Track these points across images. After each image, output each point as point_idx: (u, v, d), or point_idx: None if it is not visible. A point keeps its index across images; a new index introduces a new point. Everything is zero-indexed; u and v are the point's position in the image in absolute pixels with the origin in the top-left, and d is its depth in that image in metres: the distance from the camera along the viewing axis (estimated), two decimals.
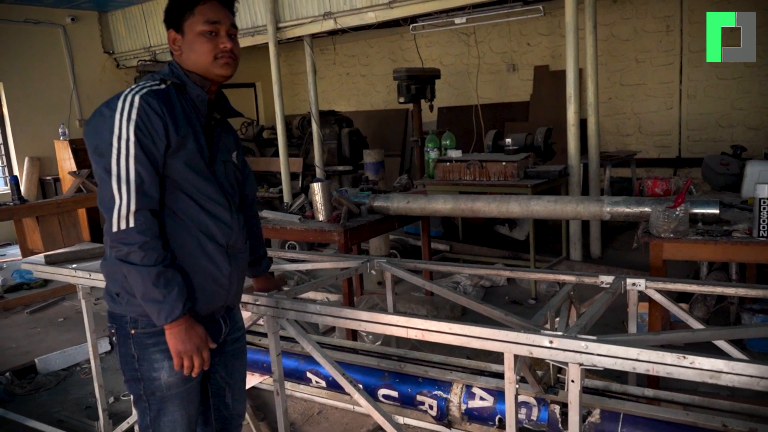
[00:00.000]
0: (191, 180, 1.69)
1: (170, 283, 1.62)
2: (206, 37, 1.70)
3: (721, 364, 1.52)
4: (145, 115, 1.60)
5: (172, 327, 1.65)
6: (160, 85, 1.68)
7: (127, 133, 1.58)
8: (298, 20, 7.15)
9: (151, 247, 1.59)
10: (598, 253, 5.88)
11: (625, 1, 7.81)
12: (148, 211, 1.61)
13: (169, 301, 1.61)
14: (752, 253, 2.63)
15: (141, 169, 1.59)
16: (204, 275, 1.74)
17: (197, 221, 1.72)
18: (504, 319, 2.06)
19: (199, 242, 1.72)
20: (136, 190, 1.58)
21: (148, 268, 1.59)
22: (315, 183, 3.73)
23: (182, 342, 1.66)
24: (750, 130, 7.23)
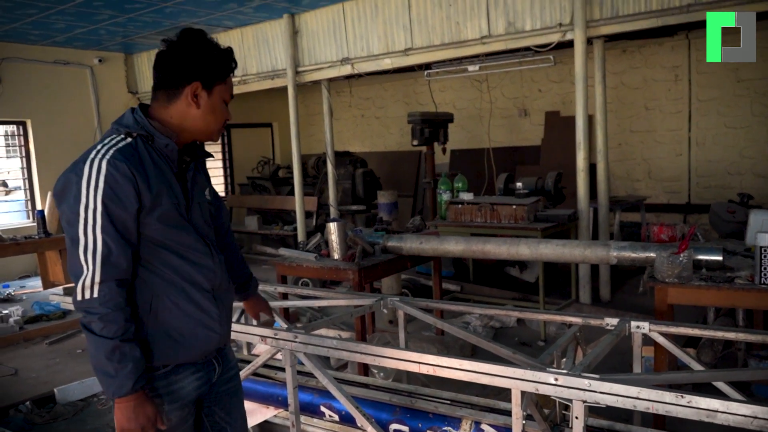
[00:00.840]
0: (169, 234, 1.70)
1: (125, 358, 1.59)
2: (225, 106, 1.79)
3: (716, 403, 1.61)
4: (114, 182, 1.58)
5: (120, 402, 1.61)
6: (126, 139, 1.66)
7: (95, 202, 1.57)
8: (316, 65, 7.42)
9: (110, 320, 1.58)
10: (607, 296, 5.93)
11: (634, 51, 8.04)
12: (114, 282, 1.59)
13: (120, 376, 1.58)
14: (753, 300, 2.72)
15: (108, 239, 1.58)
16: (195, 323, 1.76)
17: (181, 272, 1.73)
18: (512, 357, 2.15)
19: (186, 292, 1.74)
20: (102, 261, 1.57)
21: (104, 340, 1.57)
22: (331, 223, 3.87)
23: (127, 420, 1.62)
24: (758, 178, 7.34)
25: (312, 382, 2.90)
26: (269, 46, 7.84)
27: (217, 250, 1.87)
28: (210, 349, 1.84)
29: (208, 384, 1.87)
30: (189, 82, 1.71)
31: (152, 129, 1.70)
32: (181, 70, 1.71)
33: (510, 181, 6.01)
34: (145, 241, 1.67)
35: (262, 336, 2.46)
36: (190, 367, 1.79)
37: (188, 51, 1.71)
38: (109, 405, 3.93)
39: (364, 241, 3.91)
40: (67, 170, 1.63)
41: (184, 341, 1.74)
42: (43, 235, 5.66)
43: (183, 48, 1.72)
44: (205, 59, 1.73)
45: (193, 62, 1.71)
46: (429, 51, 6.53)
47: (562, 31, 5.63)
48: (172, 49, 1.72)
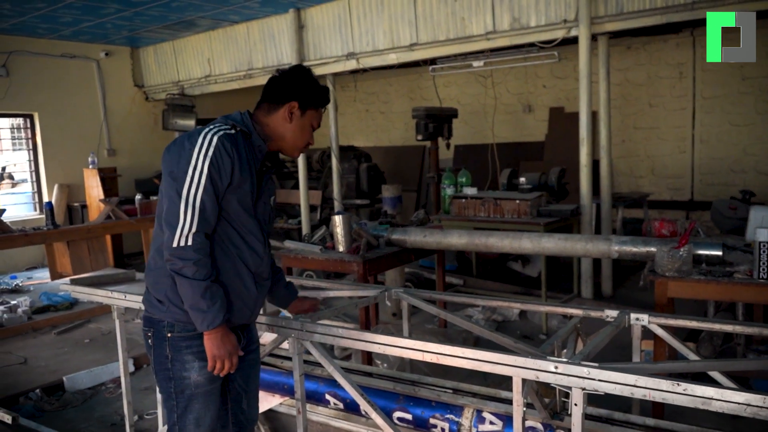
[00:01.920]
0: (240, 215, 1.98)
1: (215, 296, 1.90)
2: (311, 129, 2.11)
3: (711, 391, 1.66)
4: (219, 154, 1.88)
5: (211, 333, 1.92)
6: (231, 130, 1.96)
7: (202, 166, 1.87)
8: (322, 59, 7.47)
9: (202, 264, 1.87)
10: (609, 291, 5.98)
11: (639, 48, 8.05)
12: (203, 234, 1.89)
13: (212, 311, 1.88)
14: (752, 294, 2.77)
15: (206, 198, 1.87)
16: (235, 295, 2.01)
17: (238, 249, 2.01)
18: (513, 346, 2.20)
19: (236, 267, 2.01)
20: (199, 215, 1.86)
21: (198, 282, 1.86)
22: (336, 215, 3.92)
23: (218, 347, 1.93)
24: (761, 176, 7.36)
25: (317, 371, 2.96)
26: (275, 41, 7.88)
27: (269, 243, 2.15)
28: (240, 322, 2.08)
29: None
30: (288, 101, 2.04)
31: (252, 129, 2.03)
32: (285, 90, 2.05)
33: (513, 176, 6.06)
34: (222, 215, 1.95)
35: (268, 325, 2.51)
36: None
37: (295, 77, 2.07)
38: (117, 393, 4.00)
39: (369, 234, 3.96)
40: (182, 137, 1.94)
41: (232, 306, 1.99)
42: (52, 226, 5.73)
43: (292, 74, 2.08)
44: (306, 86, 2.07)
45: (297, 86, 2.06)
46: (434, 46, 6.57)
47: (566, 27, 5.66)
48: (284, 74, 2.08)
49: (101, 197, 7.42)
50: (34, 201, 9.10)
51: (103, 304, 3.35)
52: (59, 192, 8.86)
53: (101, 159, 8.89)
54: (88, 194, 8.27)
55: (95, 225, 6.15)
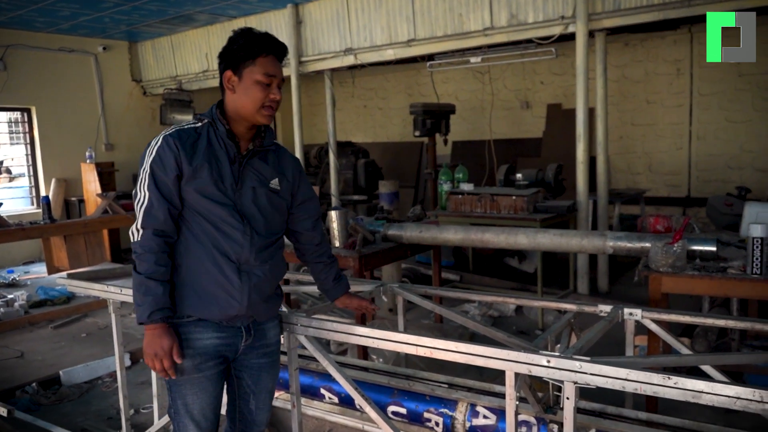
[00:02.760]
0: (204, 204, 1.96)
1: (148, 292, 1.90)
2: (261, 86, 1.96)
3: (702, 384, 1.67)
4: (162, 151, 1.92)
5: (146, 329, 1.93)
6: (196, 124, 2.01)
7: (147, 165, 1.94)
8: (320, 55, 7.47)
9: (144, 260, 1.91)
10: (605, 287, 6.00)
11: (636, 45, 8.06)
12: (151, 230, 1.93)
13: (143, 306, 1.90)
14: (745, 289, 2.78)
15: (151, 195, 1.92)
16: (217, 285, 1.99)
17: (212, 238, 1.98)
18: (506, 341, 2.22)
19: (213, 257, 1.98)
20: (145, 212, 1.92)
21: (137, 275, 1.92)
22: (333, 211, 3.93)
23: (147, 345, 1.93)
24: (759, 172, 7.38)
25: (312, 365, 2.97)
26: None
27: (255, 231, 2.03)
28: (230, 314, 2.02)
29: (233, 348, 2.08)
30: (223, 73, 1.99)
31: (216, 117, 2.00)
32: (219, 65, 2.01)
33: (511, 172, 6.06)
34: (186, 205, 1.97)
35: None
36: (213, 325, 2.02)
37: (228, 43, 1.98)
38: (113, 387, 4.01)
39: (365, 229, 3.97)
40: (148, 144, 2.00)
41: (206, 299, 1.99)
42: (48, 220, 5.74)
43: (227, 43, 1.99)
44: (229, 49, 1.97)
45: (223, 55, 1.99)
46: (432, 42, 6.57)
47: (564, 23, 5.66)
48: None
49: (98, 192, 7.42)
50: (31, 195, 9.10)
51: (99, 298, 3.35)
52: (56, 186, 8.86)
53: (99, 153, 8.89)
54: (86, 189, 8.27)
55: (92, 219, 6.16)
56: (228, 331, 2.05)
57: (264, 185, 2.07)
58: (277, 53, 1.99)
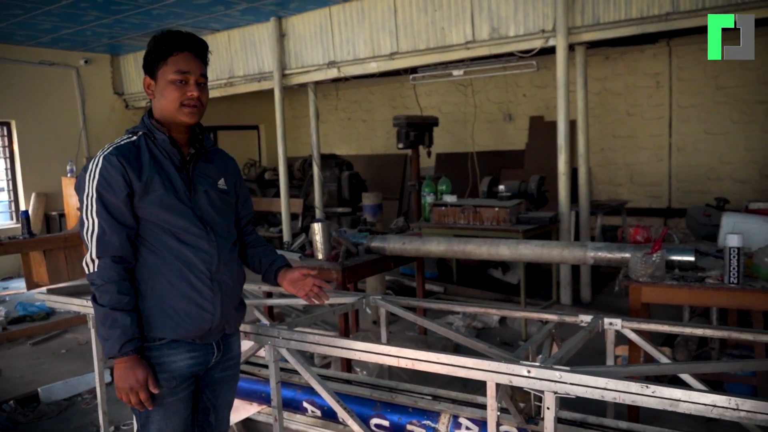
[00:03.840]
0: (164, 217, 1.88)
1: (115, 324, 1.80)
2: (175, 85, 1.89)
3: (679, 393, 1.69)
4: (106, 172, 1.82)
5: (116, 363, 1.84)
6: (131, 138, 1.91)
7: (91, 190, 1.83)
8: (303, 68, 7.49)
9: (105, 291, 1.81)
10: (588, 298, 6.04)
11: (617, 58, 8.18)
12: (109, 258, 1.82)
13: (111, 339, 1.80)
14: (723, 299, 2.82)
15: (102, 221, 1.82)
16: (188, 301, 1.91)
17: (176, 253, 1.90)
18: (488, 351, 2.22)
19: (181, 272, 1.90)
20: (97, 240, 1.82)
21: (100, 308, 1.81)
22: (316, 223, 3.93)
23: (120, 379, 1.84)
24: (737, 183, 7.49)
25: (295, 379, 2.96)
26: (256, 49, 7.89)
27: (218, 235, 1.98)
28: (204, 328, 1.96)
29: (204, 365, 2.02)
30: (143, 80, 1.96)
31: (152, 127, 1.93)
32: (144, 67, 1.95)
33: (494, 184, 6.10)
34: (144, 223, 1.88)
35: (244, 332, 2.50)
36: (186, 345, 1.95)
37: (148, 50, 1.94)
38: (93, 404, 3.95)
39: (348, 242, 3.96)
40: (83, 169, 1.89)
41: (178, 318, 1.90)
42: (28, 235, 5.66)
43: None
44: (145, 55, 1.94)
45: (143, 63, 1.95)
46: (414, 55, 6.62)
47: (544, 37, 5.74)
48: None
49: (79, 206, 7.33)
50: (10, 210, 8.98)
51: (79, 313, 3.31)
52: (36, 201, 8.75)
53: (80, 167, 8.78)
54: (67, 203, 8.18)
55: (72, 234, 6.08)
56: (201, 349, 1.99)
57: (214, 187, 2.02)
58: (192, 49, 1.93)
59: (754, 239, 3.11)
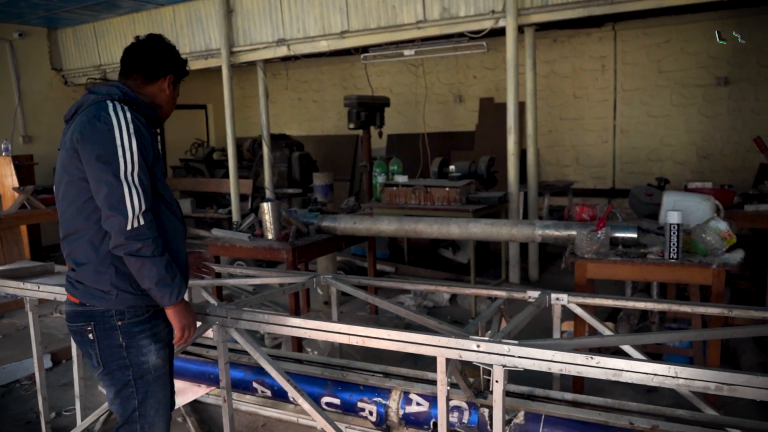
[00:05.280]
0: (163, 184, 2.01)
1: (174, 268, 1.94)
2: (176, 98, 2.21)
3: (622, 363, 1.74)
4: (139, 131, 1.91)
5: (177, 305, 1.96)
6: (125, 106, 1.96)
7: (131, 145, 1.87)
8: (251, 45, 7.31)
9: (158, 243, 1.89)
10: (536, 276, 6.17)
11: (564, 41, 8.30)
12: (149, 213, 1.89)
13: (176, 283, 1.93)
14: (663, 273, 2.92)
15: (143, 176, 1.89)
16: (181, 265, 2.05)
17: (168, 221, 2.01)
18: (438, 328, 2.24)
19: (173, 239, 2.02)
20: (144, 193, 1.87)
21: (160, 258, 1.88)
22: (265, 203, 3.86)
23: (185, 317, 1.99)
24: (676, 164, 7.76)
25: (244, 359, 2.92)
26: (203, 25, 7.65)
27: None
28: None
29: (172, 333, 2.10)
30: (166, 74, 2.11)
31: (141, 101, 2.03)
32: (163, 63, 2.10)
33: (444, 165, 6.12)
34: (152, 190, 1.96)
35: None
36: (163, 313, 2.02)
37: (168, 50, 2.12)
38: (32, 390, 3.81)
39: (298, 221, 3.92)
40: (91, 119, 1.88)
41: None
42: None
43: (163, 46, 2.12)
44: (179, 61, 2.16)
45: (173, 60, 2.13)
46: (365, 34, 6.55)
47: (494, 18, 5.76)
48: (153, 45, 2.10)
49: (15, 186, 7.01)
50: None
51: (17, 297, 3.17)
52: None
53: (16, 146, 8.40)
54: (2, 183, 7.79)
55: (7, 215, 5.81)
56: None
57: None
58: None
59: (692, 216, 3.23)
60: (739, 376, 1.61)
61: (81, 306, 1.98)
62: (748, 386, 1.60)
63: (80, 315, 1.98)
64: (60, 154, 1.98)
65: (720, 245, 2.92)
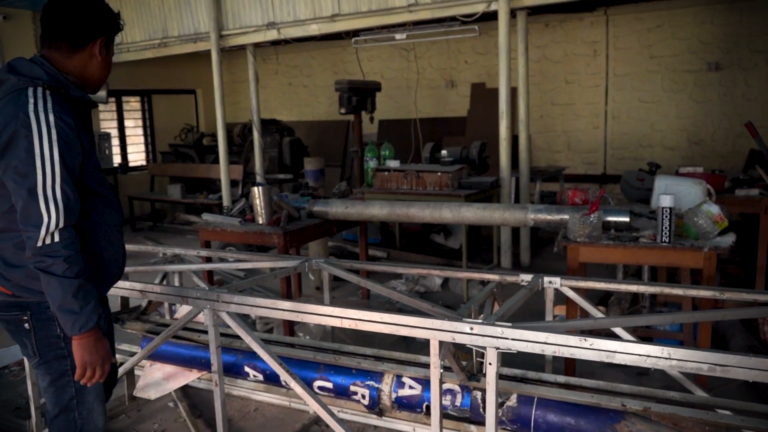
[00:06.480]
0: (96, 177, 1.85)
1: (88, 296, 1.74)
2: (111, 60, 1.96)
3: (615, 345, 1.74)
4: (65, 134, 1.69)
5: (82, 338, 1.76)
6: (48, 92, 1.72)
7: (51, 155, 1.66)
8: (241, 29, 7.22)
9: (74, 261, 1.70)
10: (527, 261, 6.18)
11: (556, 26, 8.26)
12: (72, 227, 1.72)
13: (85, 313, 1.73)
14: (655, 257, 2.92)
15: (66, 188, 1.69)
16: (114, 263, 1.97)
17: (102, 215, 1.89)
18: (431, 311, 2.23)
19: (108, 234, 1.92)
20: (64, 209, 1.67)
21: (69, 280, 1.69)
22: (256, 187, 3.83)
23: (89, 353, 1.77)
24: (667, 150, 7.78)
25: (236, 344, 2.90)
26: (191, 8, 7.54)
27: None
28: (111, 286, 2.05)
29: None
30: (96, 38, 1.86)
31: (67, 82, 1.81)
32: (90, 26, 1.84)
33: (436, 150, 6.10)
34: (83, 189, 1.79)
35: (183, 297, 2.43)
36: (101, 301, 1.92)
37: (94, 9, 1.85)
38: (21, 376, 3.78)
39: (290, 206, 3.89)
40: (5, 118, 1.68)
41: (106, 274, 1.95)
42: None
43: (87, 5, 1.84)
44: (109, 19, 1.90)
45: (101, 20, 1.87)
46: (356, 18, 6.48)
47: (486, 1, 5.71)
48: (75, 4, 1.82)
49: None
50: None
51: None
52: None
53: None
54: None
55: None
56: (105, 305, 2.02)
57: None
58: None
59: (684, 201, 3.23)
60: (732, 357, 1.61)
61: (14, 297, 1.85)
62: (741, 367, 1.60)
63: (14, 305, 1.86)
64: None
65: (712, 229, 2.93)
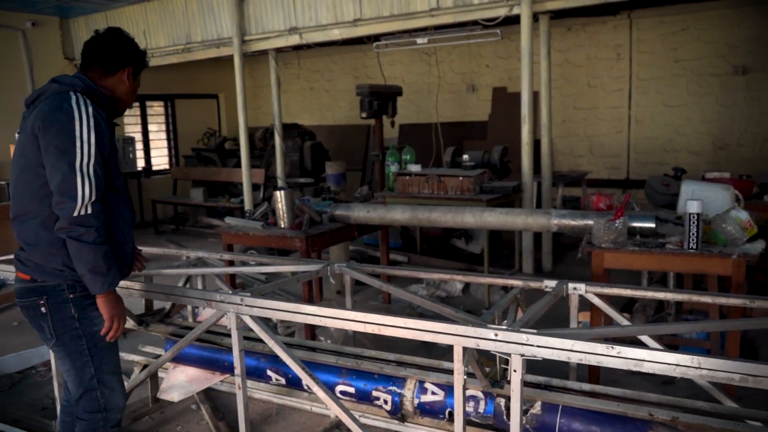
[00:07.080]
0: (116, 175, 2.16)
1: (112, 260, 2.07)
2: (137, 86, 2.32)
3: (643, 353, 1.71)
4: (99, 125, 2.03)
5: (108, 295, 2.07)
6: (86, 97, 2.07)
7: (89, 138, 1.99)
8: (263, 34, 7.28)
9: (102, 232, 2.02)
10: (549, 267, 6.13)
11: (579, 29, 8.20)
12: (98, 202, 2.02)
13: (111, 273, 2.05)
14: (682, 263, 2.87)
15: (98, 168, 2.01)
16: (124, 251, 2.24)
17: (118, 207, 2.18)
18: (454, 316, 2.21)
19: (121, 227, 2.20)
20: (96, 184, 1.99)
21: (99, 246, 2.00)
22: (278, 191, 3.85)
23: (115, 307, 2.10)
24: (692, 155, 7.66)
25: (258, 347, 2.91)
26: (214, 14, 7.63)
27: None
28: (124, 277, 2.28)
29: None
30: (125, 67, 2.23)
31: (101, 93, 2.16)
32: (121, 55, 2.22)
33: (457, 154, 6.08)
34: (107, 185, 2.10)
35: (207, 300, 2.44)
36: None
37: (126, 43, 2.24)
38: (48, 377, 3.83)
39: (312, 210, 3.90)
40: (52, 110, 1.99)
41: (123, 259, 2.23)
42: None
43: (121, 39, 2.23)
44: (138, 53, 2.28)
45: (131, 53, 2.25)
46: (378, 22, 6.49)
47: (509, 5, 5.69)
48: (112, 38, 2.22)
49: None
50: None
51: None
52: None
53: None
54: None
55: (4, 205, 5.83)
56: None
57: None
58: None
59: (711, 207, 3.18)
60: (764, 367, 1.57)
61: (32, 282, 2.09)
62: None
63: (32, 291, 2.10)
64: (19, 138, 2.08)
65: (741, 235, 2.87)
